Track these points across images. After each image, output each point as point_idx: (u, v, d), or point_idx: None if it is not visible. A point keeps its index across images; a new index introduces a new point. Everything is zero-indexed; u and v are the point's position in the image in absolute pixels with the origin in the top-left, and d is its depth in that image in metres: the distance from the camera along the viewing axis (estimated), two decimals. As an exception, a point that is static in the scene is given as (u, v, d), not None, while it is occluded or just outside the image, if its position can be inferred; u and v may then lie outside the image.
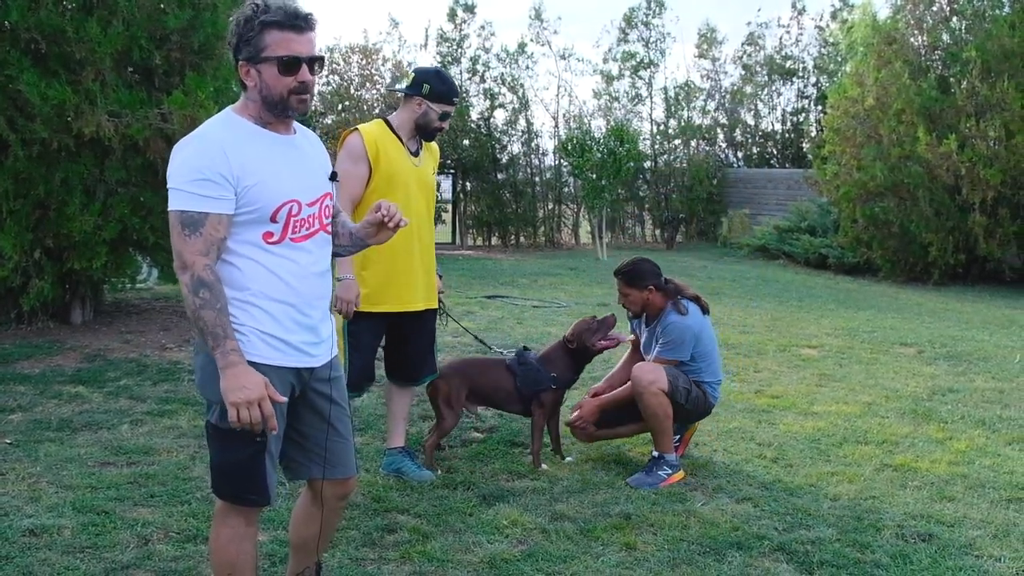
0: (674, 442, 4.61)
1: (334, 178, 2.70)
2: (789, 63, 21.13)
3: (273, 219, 2.50)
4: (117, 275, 8.31)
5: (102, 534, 3.61)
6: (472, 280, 12.25)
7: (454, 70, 18.42)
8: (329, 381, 2.71)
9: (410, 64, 18.61)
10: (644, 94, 20.57)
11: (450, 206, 19.05)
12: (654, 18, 20.29)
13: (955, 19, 14.11)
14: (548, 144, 19.97)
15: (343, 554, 3.50)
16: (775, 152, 21.71)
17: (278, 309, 2.53)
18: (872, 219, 13.80)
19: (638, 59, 20.35)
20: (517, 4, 43.06)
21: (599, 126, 19.47)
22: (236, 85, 8.07)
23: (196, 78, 7.27)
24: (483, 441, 5.03)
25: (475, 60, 18.89)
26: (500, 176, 19.31)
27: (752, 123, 21.73)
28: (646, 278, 4.59)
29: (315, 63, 2.53)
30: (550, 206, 19.78)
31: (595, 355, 4.78)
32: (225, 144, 2.45)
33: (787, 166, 20.78)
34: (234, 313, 2.47)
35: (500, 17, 40.78)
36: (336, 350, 2.77)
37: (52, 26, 6.80)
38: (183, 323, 8.23)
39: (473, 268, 14.08)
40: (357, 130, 4.21)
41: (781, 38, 21.64)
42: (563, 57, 20.24)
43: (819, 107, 20.16)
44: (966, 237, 13.14)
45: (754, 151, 21.76)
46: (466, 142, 18.48)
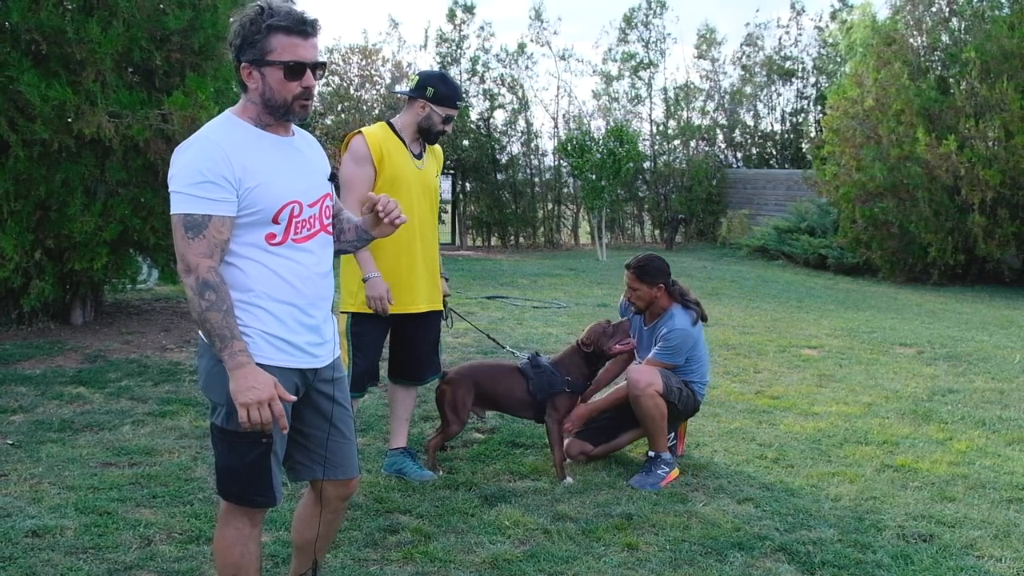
0: (672, 441, 4.64)
1: (333, 179, 2.71)
2: (788, 64, 21.15)
3: (275, 220, 2.51)
4: (118, 276, 8.30)
5: (105, 535, 3.61)
6: (472, 281, 12.26)
7: (453, 70, 18.43)
8: (332, 382, 2.72)
9: (410, 65, 18.63)
10: (644, 94, 20.61)
11: (450, 207, 19.05)
12: (654, 18, 20.34)
13: (954, 20, 14.12)
14: (548, 145, 20.01)
15: (346, 554, 3.51)
16: (774, 152, 21.73)
17: (282, 310, 2.54)
18: (871, 219, 13.81)
19: (638, 59, 20.38)
20: (517, 4, 43.09)
21: (599, 126, 19.51)
22: (236, 86, 8.12)
23: (196, 79, 7.27)
24: (484, 442, 5.03)
25: (475, 61, 18.90)
26: (500, 177, 19.32)
27: (751, 123, 21.76)
28: (658, 276, 4.60)
29: (318, 68, 2.54)
30: (550, 206, 19.79)
31: (609, 359, 4.73)
32: (226, 147, 2.45)
33: (786, 166, 20.80)
34: (238, 315, 2.48)
35: (500, 17, 40.88)
36: (339, 351, 2.78)
37: (52, 27, 6.79)
38: (183, 324, 8.23)
39: (473, 269, 14.09)
40: (361, 133, 4.22)
41: (780, 39, 21.77)
42: (563, 57, 20.30)
43: (818, 108, 20.19)
44: (965, 237, 13.15)
45: (753, 151, 21.78)
46: (466, 143, 18.48)
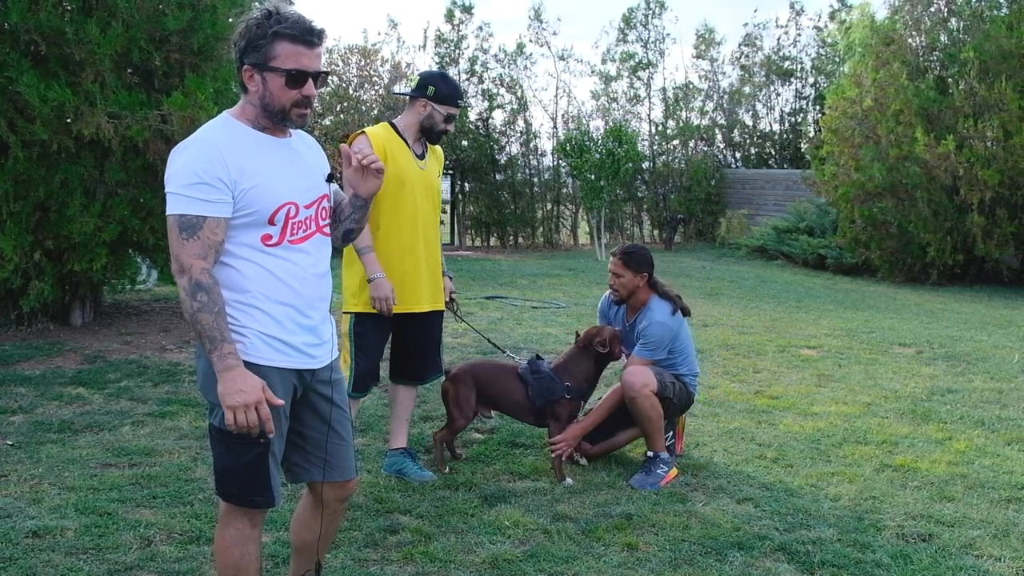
0: (670, 440, 4.65)
1: (331, 179, 2.71)
2: (787, 64, 21.15)
3: (271, 221, 2.51)
4: (117, 276, 8.31)
5: (105, 535, 3.62)
6: (471, 281, 12.26)
7: (452, 71, 18.42)
8: (330, 383, 2.72)
9: (409, 65, 18.62)
10: (642, 95, 20.61)
11: (449, 207, 19.04)
12: (653, 19, 20.33)
13: (953, 20, 14.13)
14: (547, 145, 20.01)
15: (346, 555, 3.51)
16: (773, 153, 21.73)
17: (279, 311, 2.54)
18: (870, 219, 13.82)
19: (636, 60, 20.38)
20: (516, 5, 43.07)
21: (597, 127, 19.51)
22: (235, 86, 8.12)
23: (196, 79, 7.27)
24: (484, 442, 5.04)
25: (473, 61, 18.89)
26: (499, 177, 19.31)
27: (750, 124, 21.76)
28: (643, 264, 4.63)
29: (319, 78, 2.55)
30: (549, 207, 19.79)
31: (614, 360, 4.71)
32: (222, 148, 2.46)
33: (785, 167, 20.80)
34: (235, 316, 2.48)
35: (499, 17, 40.88)
36: (336, 352, 2.77)
37: (52, 27, 6.79)
38: (183, 324, 8.23)
39: (472, 269, 14.09)
40: (364, 133, 4.23)
41: (779, 39, 21.73)
42: (562, 58, 20.29)
43: (817, 108, 20.19)
44: (964, 237, 13.16)
45: (752, 151, 21.78)
46: (465, 143, 18.48)
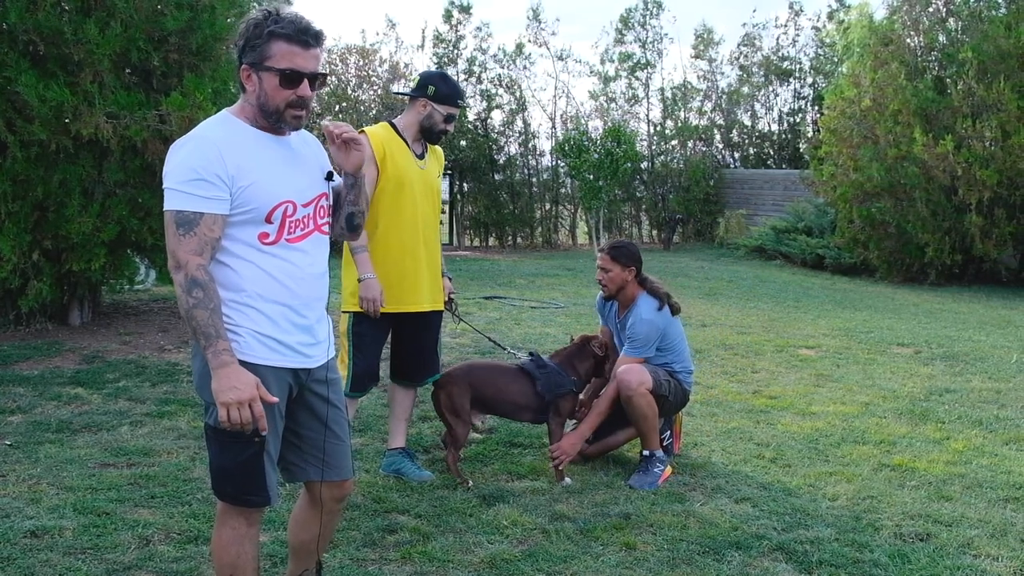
0: (667, 439, 4.65)
1: (330, 178, 2.71)
2: (786, 64, 21.15)
3: (268, 220, 2.51)
4: (115, 276, 8.31)
5: (103, 535, 3.62)
6: (470, 281, 12.26)
7: (450, 71, 18.40)
8: (326, 383, 2.71)
9: (407, 65, 18.62)
10: (641, 95, 20.60)
11: (447, 207, 19.03)
12: (651, 19, 20.32)
13: (951, 20, 14.14)
14: (545, 145, 20.00)
15: (344, 554, 3.51)
16: (772, 153, 21.73)
17: (274, 310, 2.54)
18: (869, 220, 13.83)
19: (635, 60, 20.37)
20: (515, 5, 43.09)
21: (596, 127, 19.50)
22: (234, 86, 8.15)
23: (194, 79, 7.27)
24: (482, 442, 5.04)
25: (471, 61, 18.87)
26: (497, 177, 19.30)
27: (749, 124, 21.75)
28: (630, 259, 4.64)
29: (316, 79, 2.54)
30: (547, 207, 19.78)
31: (602, 372, 4.74)
32: (221, 145, 2.46)
33: (784, 167, 20.81)
34: (231, 314, 2.48)
35: (498, 18, 40.90)
36: (333, 352, 2.77)
37: (50, 27, 6.79)
38: (181, 324, 8.23)
39: (470, 269, 14.09)
40: (364, 132, 4.23)
41: (778, 39, 21.69)
42: (560, 58, 20.26)
43: (816, 108, 20.20)
44: (962, 237, 13.17)
45: (751, 152, 21.78)
46: (463, 143, 18.47)
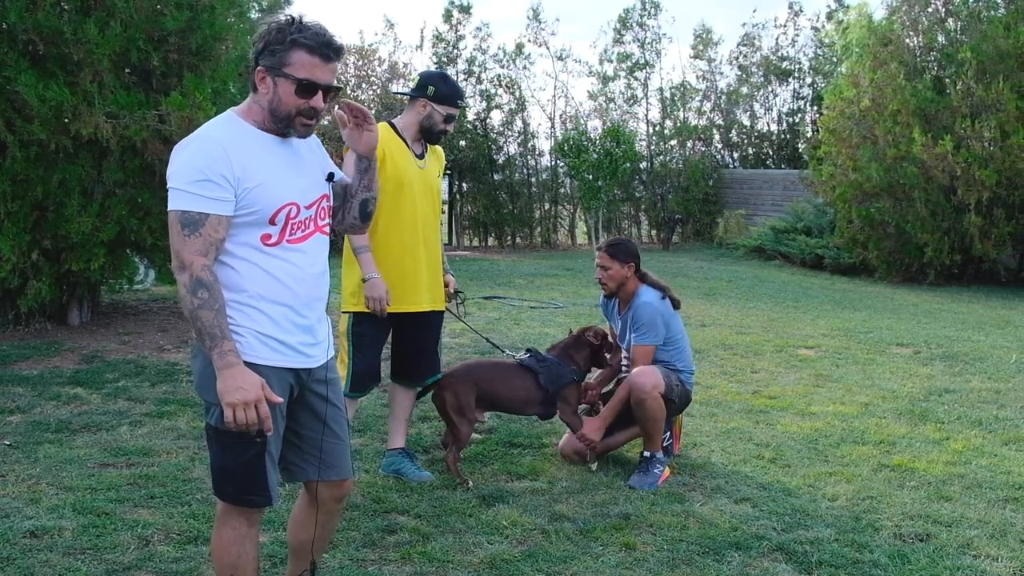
0: (667, 440, 4.65)
1: (331, 178, 2.71)
2: (785, 64, 21.15)
3: (272, 221, 2.52)
4: (115, 276, 8.31)
5: (103, 535, 3.62)
6: (469, 281, 12.25)
7: (450, 71, 18.40)
8: (326, 382, 2.72)
9: (406, 65, 18.62)
10: (640, 95, 20.60)
11: (446, 207, 19.03)
12: (649, 19, 20.31)
13: (950, 20, 14.14)
14: (544, 145, 20.02)
15: (344, 555, 3.51)
16: (771, 153, 21.73)
17: (276, 311, 2.54)
18: (868, 220, 13.83)
19: (633, 60, 20.36)
20: (514, 5, 43.08)
21: (595, 127, 19.51)
22: (234, 86, 8.15)
23: (194, 79, 7.27)
24: (482, 442, 5.04)
25: (471, 61, 18.87)
26: (496, 177, 19.31)
27: (748, 124, 21.75)
28: (629, 255, 4.67)
29: (330, 92, 2.56)
30: (546, 207, 19.78)
31: (599, 363, 4.78)
32: (227, 145, 2.46)
33: (783, 167, 20.81)
34: (232, 315, 2.48)
35: (497, 18, 40.89)
36: (332, 352, 2.77)
37: (50, 27, 6.79)
38: (180, 324, 8.23)
39: (470, 269, 14.09)
40: None
41: (777, 39, 21.67)
42: (560, 58, 20.26)
43: (815, 108, 20.20)
44: (961, 238, 13.17)
45: (750, 152, 21.78)
46: (462, 143, 18.47)
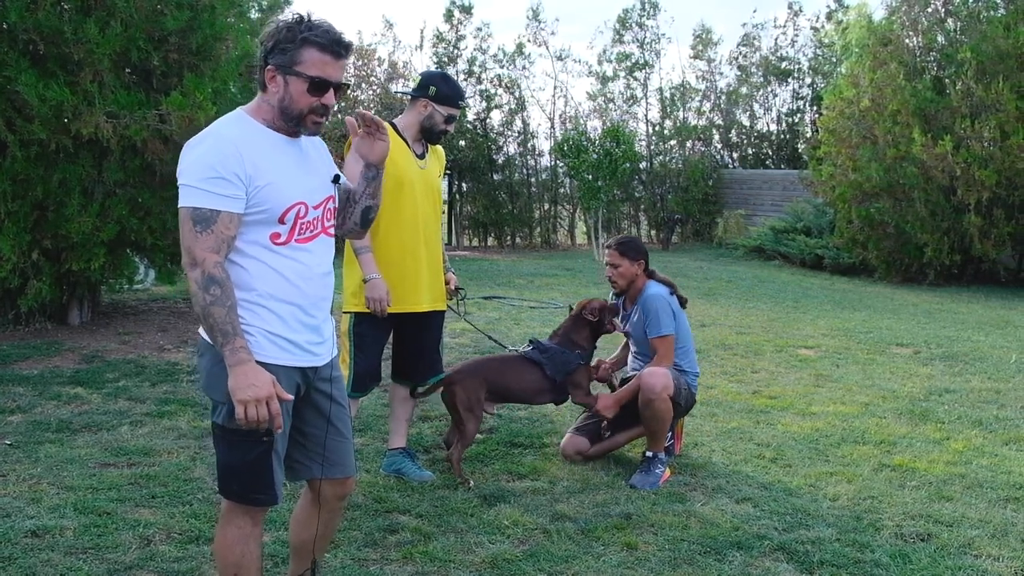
0: (668, 440, 4.66)
1: (337, 180, 2.72)
2: (785, 64, 21.15)
3: (281, 220, 2.53)
4: (115, 276, 8.31)
5: (104, 535, 3.62)
6: (469, 281, 12.23)
7: (450, 71, 18.40)
8: (330, 380, 2.73)
9: (406, 64, 18.61)
10: (639, 95, 20.59)
11: (446, 207, 19.03)
12: (648, 19, 20.30)
13: (950, 20, 14.14)
14: (544, 145, 20.01)
15: (345, 554, 3.51)
16: (771, 153, 21.73)
17: (285, 310, 2.55)
18: (868, 220, 13.83)
19: (633, 60, 20.36)
20: (514, 5, 43.06)
21: (595, 127, 19.51)
22: (234, 86, 8.15)
23: (194, 79, 7.27)
24: (483, 442, 5.04)
25: (471, 61, 18.87)
26: (496, 177, 19.31)
27: (748, 124, 21.75)
28: (639, 253, 4.69)
29: (340, 89, 2.58)
30: (546, 207, 19.78)
31: (604, 333, 4.77)
32: (239, 143, 2.47)
33: (783, 167, 20.81)
34: (242, 314, 2.48)
35: (497, 17, 40.86)
36: (336, 350, 2.79)
37: (50, 27, 6.79)
38: (180, 324, 8.23)
39: (469, 269, 14.08)
40: None
41: (777, 39, 21.67)
42: (559, 58, 20.25)
43: (814, 108, 20.20)
44: (961, 238, 13.17)
45: (750, 152, 21.78)
46: (462, 143, 18.47)
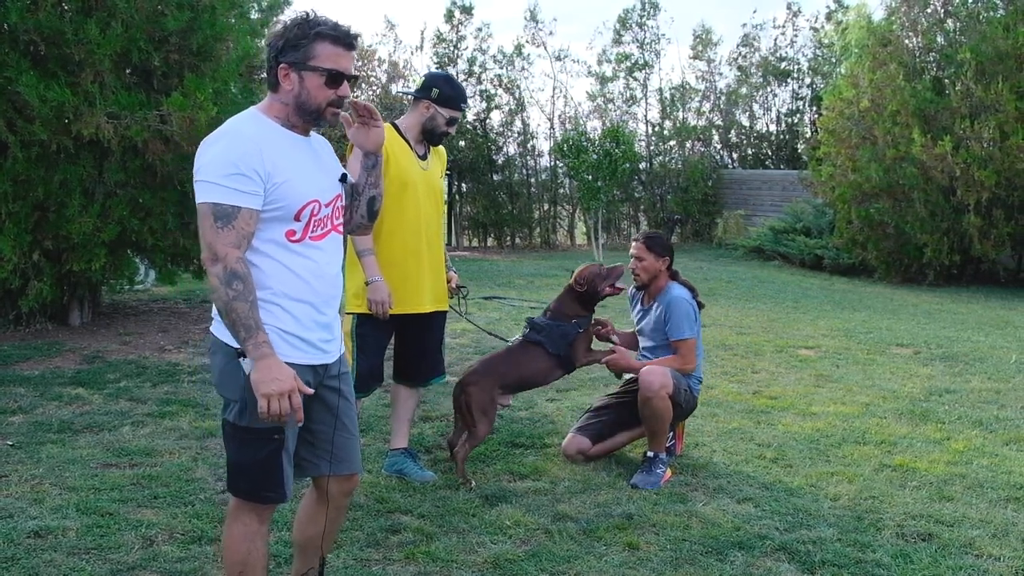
0: (670, 440, 4.67)
1: (344, 179, 2.75)
2: (784, 64, 21.17)
3: (297, 218, 2.56)
4: (116, 277, 8.31)
5: (107, 535, 3.62)
6: (468, 281, 12.13)
7: (451, 71, 18.41)
8: (338, 376, 2.77)
9: (406, 64, 18.62)
10: (639, 95, 20.62)
11: (446, 207, 18.99)
12: (648, 19, 20.32)
13: (949, 21, 14.14)
14: (544, 145, 20.04)
15: (348, 554, 3.52)
16: (770, 153, 21.74)
17: (298, 308, 2.58)
18: (867, 220, 13.83)
19: (632, 60, 20.38)
20: (513, 5, 43.05)
21: (594, 127, 19.52)
22: (235, 86, 8.15)
23: (195, 79, 7.28)
24: (484, 442, 5.02)
25: (472, 62, 18.88)
26: (496, 177, 19.32)
27: (747, 124, 21.77)
28: (665, 249, 4.74)
29: (353, 80, 2.63)
30: (546, 207, 19.79)
31: (600, 300, 4.80)
32: (258, 140, 2.50)
33: (782, 167, 20.82)
34: None
35: (496, 18, 40.83)
36: (343, 347, 2.82)
37: (51, 28, 6.80)
38: (181, 324, 8.24)
39: (469, 269, 14.08)
40: None
41: (776, 39, 21.69)
42: (558, 58, 20.26)
43: (814, 108, 20.21)
44: (961, 238, 13.18)
45: (749, 152, 21.79)
46: (462, 143, 18.48)
